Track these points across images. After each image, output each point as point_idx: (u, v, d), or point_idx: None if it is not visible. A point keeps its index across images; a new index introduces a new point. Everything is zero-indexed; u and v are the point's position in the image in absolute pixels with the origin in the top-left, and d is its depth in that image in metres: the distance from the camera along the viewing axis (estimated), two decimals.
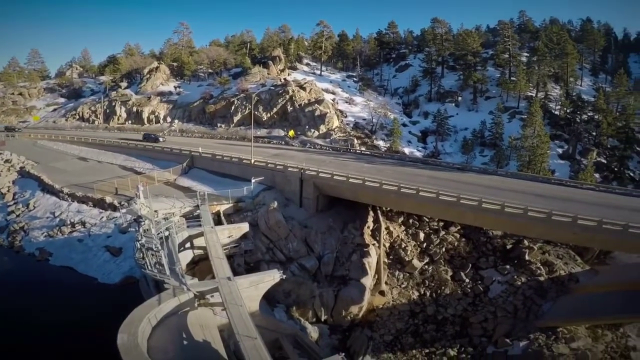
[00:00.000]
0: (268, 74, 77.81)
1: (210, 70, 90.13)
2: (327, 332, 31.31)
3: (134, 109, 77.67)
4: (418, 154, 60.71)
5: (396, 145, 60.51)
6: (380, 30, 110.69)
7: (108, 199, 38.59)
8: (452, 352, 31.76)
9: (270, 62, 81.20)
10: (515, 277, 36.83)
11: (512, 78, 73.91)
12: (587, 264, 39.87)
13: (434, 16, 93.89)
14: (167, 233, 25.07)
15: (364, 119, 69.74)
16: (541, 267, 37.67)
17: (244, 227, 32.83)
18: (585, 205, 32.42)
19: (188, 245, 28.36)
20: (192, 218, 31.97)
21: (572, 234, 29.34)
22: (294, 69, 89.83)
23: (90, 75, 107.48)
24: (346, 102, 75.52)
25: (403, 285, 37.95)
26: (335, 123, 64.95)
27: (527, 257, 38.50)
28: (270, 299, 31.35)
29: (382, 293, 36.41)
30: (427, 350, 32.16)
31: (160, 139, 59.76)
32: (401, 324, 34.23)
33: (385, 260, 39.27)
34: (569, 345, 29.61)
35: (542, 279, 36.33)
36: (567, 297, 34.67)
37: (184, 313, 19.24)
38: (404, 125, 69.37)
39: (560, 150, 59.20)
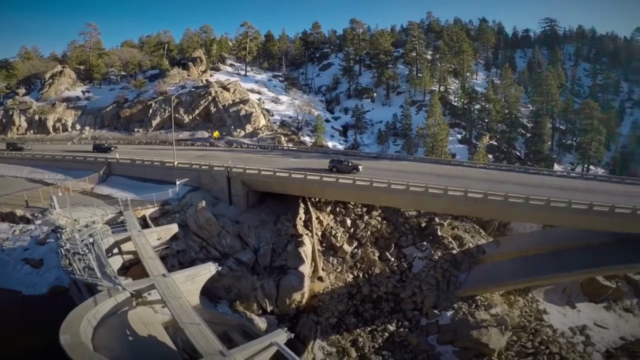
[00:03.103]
0: (188, 75, 75.93)
1: (123, 73, 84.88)
2: (274, 322, 32.74)
3: (36, 117, 70.31)
4: (340, 147, 65.20)
5: (320, 140, 64.11)
6: (305, 31, 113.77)
7: (19, 212, 35.85)
8: (391, 328, 35.78)
9: (191, 64, 79.13)
10: (432, 252, 42.04)
11: (419, 74, 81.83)
12: (490, 236, 46.74)
13: (354, 17, 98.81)
14: (91, 240, 24.58)
15: (290, 117, 72.18)
16: (452, 241, 43.39)
17: (173, 228, 32.88)
18: (477, 182, 37.89)
19: (116, 250, 27.83)
20: (116, 224, 31.20)
21: (466, 206, 34.68)
22: (217, 70, 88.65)
23: None
24: (272, 101, 77.18)
25: (338, 270, 41.09)
26: (262, 122, 66.30)
27: (439, 233, 44.03)
28: (211, 295, 32.03)
29: (320, 279, 39.11)
30: (369, 328, 35.80)
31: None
32: (342, 306, 37.41)
33: (319, 247, 42.11)
34: (489, 312, 34.96)
35: (455, 252, 41.97)
36: (478, 267, 40.54)
37: (123, 313, 19.43)
38: (327, 121, 73.39)
39: (459, 136, 68.02)
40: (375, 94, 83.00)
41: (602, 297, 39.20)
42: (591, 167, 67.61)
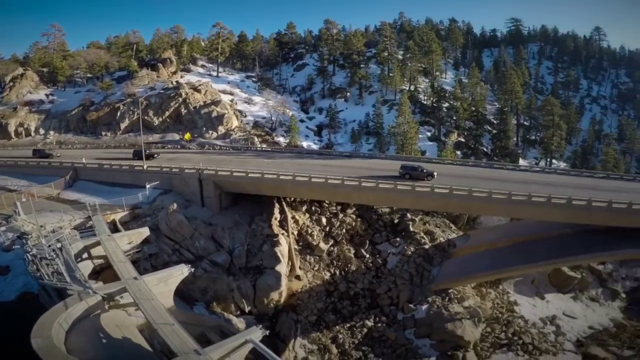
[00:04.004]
0: (158, 76, 74.42)
1: (89, 75, 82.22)
2: (253, 322, 32.23)
3: None
4: (315, 147, 65.85)
5: (295, 140, 64.47)
6: (280, 31, 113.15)
7: None
8: (369, 323, 36.50)
9: (160, 65, 77.64)
10: (405, 247, 43.08)
11: (391, 74, 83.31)
12: (460, 230, 48.35)
13: (330, 17, 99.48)
14: (59, 245, 24.11)
15: (264, 118, 71.99)
16: (424, 236, 44.60)
17: (144, 231, 32.44)
18: (445, 178, 39.25)
19: (86, 255, 27.28)
20: (85, 230, 30.70)
21: (433, 202, 35.92)
22: (188, 71, 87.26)
23: None
24: (245, 102, 76.79)
25: (315, 268, 41.45)
26: (235, 123, 65.97)
27: (411, 229, 45.19)
28: (187, 298, 31.84)
29: (298, 277, 39.24)
30: (348, 325, 36.39)
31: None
32: (321, 304, 37.82)
33: (296, 246, 42.33)
34: (462, 305, 36.07)
35: (427, 246, 43.16)
36: (450, 260, 41.82)
37: (95, 316, 19.28)
38: (302, 121, 73.88)
39: (429, 134, 70.01)
40: (348, 94, 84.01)
41: (568, 288, 41.06)
42: (554, 161, 71.22)
